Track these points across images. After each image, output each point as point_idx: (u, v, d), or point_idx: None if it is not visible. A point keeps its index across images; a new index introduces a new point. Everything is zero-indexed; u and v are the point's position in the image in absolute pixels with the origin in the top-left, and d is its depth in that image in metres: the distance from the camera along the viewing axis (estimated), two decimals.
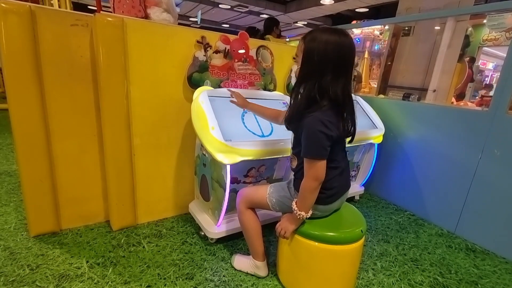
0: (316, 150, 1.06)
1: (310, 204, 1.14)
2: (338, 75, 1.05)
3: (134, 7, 1.66)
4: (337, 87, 1.05)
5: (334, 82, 1.04)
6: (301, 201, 1.14)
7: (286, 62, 2.08)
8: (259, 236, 1.35)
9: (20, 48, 1.30)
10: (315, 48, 1.04)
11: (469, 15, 3.47)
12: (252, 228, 1.34)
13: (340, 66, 1.04)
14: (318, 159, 1.07)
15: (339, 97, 1.05)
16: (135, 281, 1.30)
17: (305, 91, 1.08)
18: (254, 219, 1.34)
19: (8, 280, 1.25)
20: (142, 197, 1.73)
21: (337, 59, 1.03)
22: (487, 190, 1.79)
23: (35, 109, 1.38)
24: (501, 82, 1.69)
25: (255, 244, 1.35)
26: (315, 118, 1.04)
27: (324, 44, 1.03)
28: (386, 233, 1.90)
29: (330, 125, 1.04)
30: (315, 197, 1.13)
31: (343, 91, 1.06)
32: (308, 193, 1.12)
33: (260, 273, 1.38)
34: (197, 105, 1.47)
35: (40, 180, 1.47)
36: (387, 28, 4.41)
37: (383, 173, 2.40)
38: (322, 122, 1.03)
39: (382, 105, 2.37)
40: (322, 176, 1.08)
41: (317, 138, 1.04)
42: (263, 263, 1.37)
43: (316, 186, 1.10)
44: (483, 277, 1.54)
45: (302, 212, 1.13)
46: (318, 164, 1.07)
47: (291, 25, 10.00)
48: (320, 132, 1.03)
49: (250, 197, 1.34)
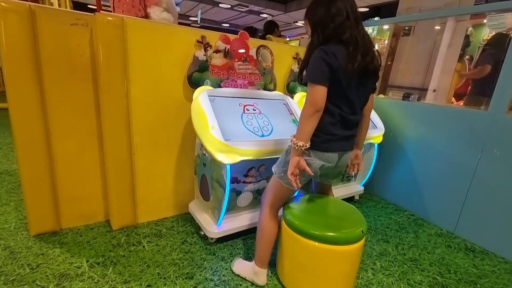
0: (313, 74, 1.08)
1: (307, 132, 1.11)
2: (340, 22, 1.09)
3: (134, 6, 1.66)
4: (342, 28, 1.09)
5: (339, 26, 1.09)
6: (298, 130, 1.12)
7: (286, 62, 2.08)
8: (271, 244, 1.31)
9: (20, 47, 1.30)
10: (314, 9, 1.15)
11: (469, 15, 3.47)
12: (268, 233, 1.30)
13: (340, 13, 1.09)
14: (315, 83, 1.07)
15: (345, 35, 1.08)
16: (135, 281, 1.30)
17: (314, 39, 1.15)
18: (273, 225, 1.30)
19: (8, 279, 1.25)
20: (142, 197, 1.73)
21: (338, 9, 1.09)
22: (486, 190, 1.79)
23: (35, 108, 1.38)
24: (501, 82, 1.70)
25: (263, 250, 1.31)
26: (319, 49, 1.09)
27: (320, 1, 1.13)
28: (385, 233, 1.90)
29: (331, 55, 1.06)
30: (312, 127, 1.10)
31: (344, 31, 1.09)
32: (304, 119, 1.10)
33: (257, 281, 1.33)
34: (197, 105, 1.47)
35: (40, 179, 1.47)
36: (387, 27, 4.41)
37: (383, 173, 2.40)
38: (324, 51, 1.07)
39: (382, 105, 2.37)
40: (320, 103, 1.07)
41: (316, 63, 1.08)
42: (263, 271, 1.33)
43: (312, 113, 1.08)
44: (482, 277, 1.54)
45: (299, 142, 1.10)
46: (316, 89, 1.07)
47: (291, 25, 9.99)
48: (320, 58, 1.07)
49: (267, 192, 1.31)
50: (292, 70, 2.09)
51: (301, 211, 1.31)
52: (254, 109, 1.67)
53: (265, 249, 1.31)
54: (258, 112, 1.67)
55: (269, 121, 1.65)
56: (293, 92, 2.13)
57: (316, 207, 1.37)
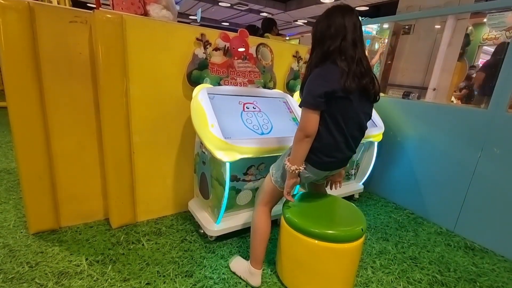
0: (307, 99, 1.08)
1: (299, 157, 1.13)
2: (339, 41, 1.10)
3: (134, 4, 1.65)
4: (337, 52, 1.10)
5: (336, 46, 1.10)
6: (292, 153, 1.16)
7: (286, 60, 2.08)
8: (264, 243, 1.31)
9: (19, 45, 1.29)
10: (318, 24, 1.16)
11: (469, 14, 3.46)
12: (261, 231, 1.30)
13: (339, 32, 1.10)
14: (308, 108, 1.08)
15: (341, 57, 1.09)
16: (135, 279, 1.30)
17: (313, 59, 1.17)
18: (266, 224, 1.30)
19: (7, 277, 1.25)
20: (142, 195, 1.73)
21: (336, 29, 1.10)
22: (486, 189, 1.79)
23: (34, 106, 1.38)
24: (501, 80, 1.69)
25: (257, 249, 1.30)
26: (315, 72, 1.11)
27: (324, 18, 1.14)
28: (385, 231, 1.90)
29: (326, 78, 1.07)
30: (304, 151, 1.12)
31: (343, 53, 1.10)
32: (295, 144, 1.13)
33: (251, 282, 1.31)
34: (197, 103, 1.46)
35: (39, 177, 1.47)
36: (387, 26, 4.40)
37: (382, 171, 2.40)
38: (320, 75, 1.09)
39: (382, 103, 2.35)
40: (310, 129, 1.08)
41: (311, 88, 1.08)
42: (258, 271, 1.31)
43: (302, 138, 1.09)
44: (481, 275, 1.54)
45: (293, 166, 1.12)
46: (307, 114, 1.08)
47: (291, 24, 9.97)
48: (314, 83, 1.08)
49: (262, 191, 1.32)
50: (291, 68, 2.09)
51: (300, 209, 1.31)
52: (254, 107, 1.66)
53: (259, 248, 1.30)
54: (258, 110, 1.66)
55: (269, 119, 1.65)
56: (292, 90, 2.12)
57: (316, 205, 1.37)
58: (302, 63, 2.13)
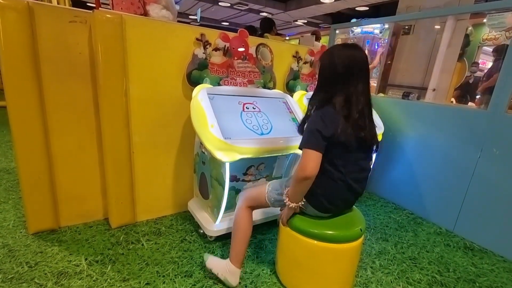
0: (307, 139, 1.09)
1: (297, 196, 1.14)
2: (344, 85, 1.11)
3: (133, 3, 1.65)
4: (341, 95, 1.10)
5: (340, 91, 1.11)
6: (290, 191, 1.17)
7: (286, 60, 2.08)
8: (246, 241, 1.29)
9: (18, 45, 1.29)
10: (324, 64, 1.17)
11: (469, 14, 3.47)
12: (243, 229, 1.29)
13: (345, 77, 1.11)
14: (308, 148, 1.08)
15: (341, 104, 1.10)
16: (134, 279, 1.30)
17: (316, 100, 1.18)
18: (248, 221, 1.30)
19: (6, 277, 1.25)
20: (141, 195, 1.72)
21: (342, 72, 1.11)
22: (485, 189, 1.79)
23: (34, 106, 1.38)
24: (500, 81, 1.69)
25: (238, 247, 1.28)
26: (316, 114, 1.13)
27: (330, 58, 1.14)
28: (384, 232, 1.90)
29: (327, 122, 1.07)
30: (302, 191, 1.13)
31: (347, 99, 1.10)
32: (294, 183, 1.13)
33: (230, 280, 1.25)
34: (197, 103, 1.46)
35: (39, 177, 1.46)
36: (387, 26, 4.41)
37: (382, 171, 2.40)
38: (321, 117, 1.09)
39: (381, 103, 2.37)
40: (311, 171, 1.06)
41: (311, 130, 1.09)
42: (238, 271, 1.27)
43: (301, 179, 1.08)
44: (481, 275, 1.55)
45: (292, 204, 1.14)
46: (308, 155, 1.07)
47: (291, 24, 9.97)
48: (315, 125, 1.09)
49: (251, 196, 1.34)
50: (291, 68, 2.09)
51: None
52: (253, 107, 1.66)
53: (240, 246, 1.28)
54: (258, 110, 1.66)
55: (269, 119, 1.65)
56: (292, 91, 2.12)
57: None
58: (302, 63, 2.13)
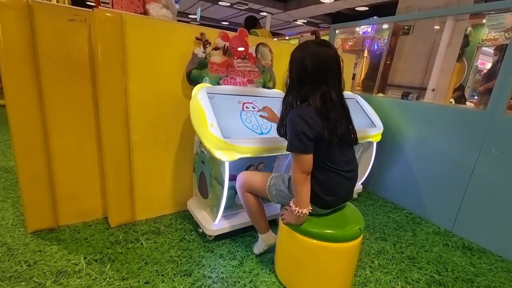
0: (295, 144, 1.10)
1: (305, 198, 1.15)
2: (317, 84, 1.11)
3: (133, 2, 1.65)
4: (316, 94, 1.11)
5: (314, 90, 1.11)
6: (296, 197, 1.16)
7: (286, 60, 2.04)
8: (262, 214, 1.41)
9: (18, 43, 1.29)
10: (294, 61, 1.16)
11: (468, 15, 3.48)
12: (255, 207, 1.39)
13: (318, 75, 1.10)
14: (298, 153, 1.10)
15: (317, 104, 1.10)
16: (133, 278, 1.30)
17: (290, 100, 1.18)
18: (255, 199, 1.38)
19: (5, 276, 1.24)
20: (140, 194, 1.72)
21: (315, 70, 1.10)
22: (484, 189, 1.80)
23: (33, 105, 1.37)
24: (499, 81, 1.70)
25: (259, 221, 1.42)
26: (295, 114, 1.11)
27: (302, 57, 1.13)
28: (383, 231, 1.91)
29: (310, 121, 1.08)
30: (307, 190, 1.14)
31: (322, 98, 1.11)
32: (299, 186, 1.14)
33: (271, 242, 1.44)
34: (196, 102, 1.46)
35: (38, 176, 1.46)
36: (386, 26, 4.41)
37: (381, 171, 2.40)
38: (302, 118, 1.08)
39: (381, 103, 2.37)
40: (307, 170, 1.12)
41: (296, 133, 1.09)
42: (267, 233, 1.45)
43: (305, 178, 1.12)
44: (479, 275, 1.55)
45: (303, 210, 1.14)
46: (300, 159, 1.11)
47: (290, 23, 9.96)
48: (298, 127, 1.08)
49: (249, 184, 1.36)
50: None
51: None
52: (253, 107, 1.66)
53: (259, 220, 1.42)
54: (257, 109, 1.66)
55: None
56: None
57: None
58: None
